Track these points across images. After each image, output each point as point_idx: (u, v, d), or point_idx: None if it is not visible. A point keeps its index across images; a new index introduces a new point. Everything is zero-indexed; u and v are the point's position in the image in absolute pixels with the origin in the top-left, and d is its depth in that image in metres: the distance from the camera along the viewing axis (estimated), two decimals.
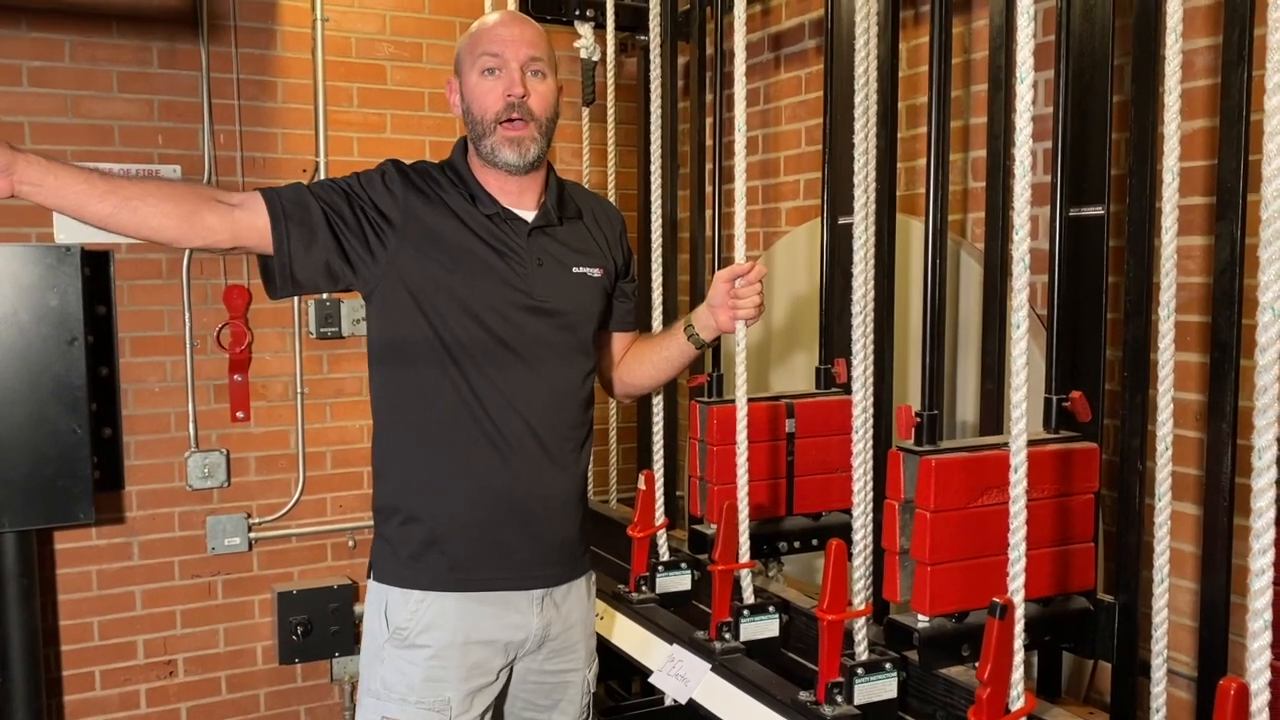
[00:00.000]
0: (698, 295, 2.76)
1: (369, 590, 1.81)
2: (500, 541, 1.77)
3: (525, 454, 1.76)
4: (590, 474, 2.97)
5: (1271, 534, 1.16)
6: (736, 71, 1.94)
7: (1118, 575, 1.78)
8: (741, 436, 1.95)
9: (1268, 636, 1.17)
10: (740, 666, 1.87)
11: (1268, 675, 1.17)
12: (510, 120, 1.71)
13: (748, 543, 1.94)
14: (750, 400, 2.17)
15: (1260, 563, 1.16)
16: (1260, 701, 1.18)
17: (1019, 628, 1.38)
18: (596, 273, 1.85)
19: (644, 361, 1.99)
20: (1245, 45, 1.57)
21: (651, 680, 1.99)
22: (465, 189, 1.77)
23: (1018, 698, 1.39)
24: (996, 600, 1.37)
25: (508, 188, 1.78)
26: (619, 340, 2.00)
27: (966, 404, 2.37)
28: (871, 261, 1.78)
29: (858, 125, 1.74)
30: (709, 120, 3.01)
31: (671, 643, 1.99)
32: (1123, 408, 1.77)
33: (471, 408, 1.74)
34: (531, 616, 1.80)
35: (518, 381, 1.76)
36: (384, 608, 1.77)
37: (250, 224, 1.65)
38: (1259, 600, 1.16)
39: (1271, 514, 1.15)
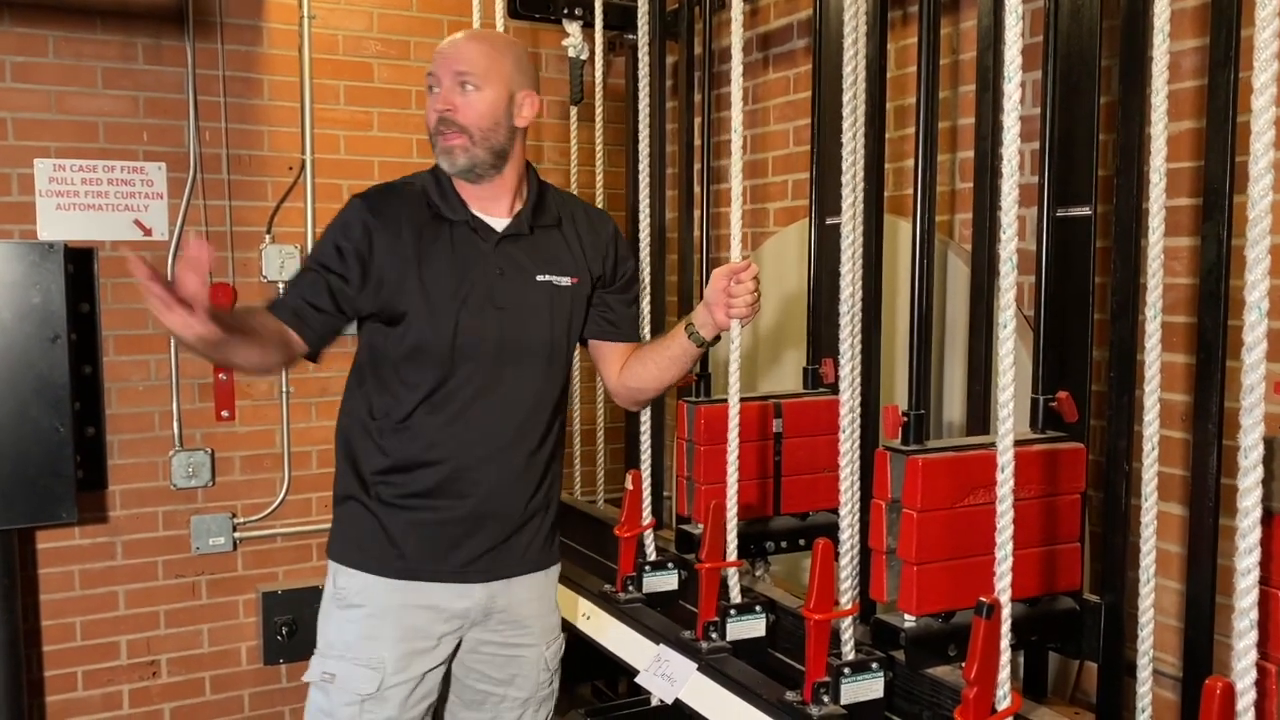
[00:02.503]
0: (685, 295, 2.76)
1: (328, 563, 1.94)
2: (448, 540, 1.88)
3: (476, 457, 1.88)
4: (574, 474, 2.99)
5: (1257, 534, 1.16)
6: (733, 73, 1.94)
7: (1103, 575, 1.78)
8: (733, 436, 1.95)
9: (1254, 636, 1.17)
10: (727, 666, 1.86)
11: (1253, 675, 1.18)
12: (443, 134, 1.83)
13: (735, 542, 1.93)
14: (740, 400, 2.17)
15: (1246, 562, 1.16)
16: (1246, 701, 1.18)
17: (1006, 627, 1.38)
18: (566, 281, 1.93)
19: (647, 364, 2.04)
20: (1232, 46, 1.57)
21: (638, 680, 1.99)
22: (443, 196, 1.88)
23: (1004, 697, 1.39)
24: (983, 600, 1.38)
25: (474, 194, 1.90)
26: (619, 350, 2.06)
27: (953, 404, 2.37)
28: (859, 262, 1.77)
29: (846, 126, 1.73)
30: (698, 120, 3.01)
31: (658, 643, 1.99)
32: (1109, 408, 1.77)
33: (426, 410, 1.86)
34: (475, 590, 1.90)
35: (476, 387, 1.87)
36: (334, 575, 1.91)
37: (293, 340, 1.82)
38: (1245, 599, 1.16)
39: (1258, 514, 1.16)
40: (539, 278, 1.91)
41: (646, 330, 2.35)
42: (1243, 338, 1.18)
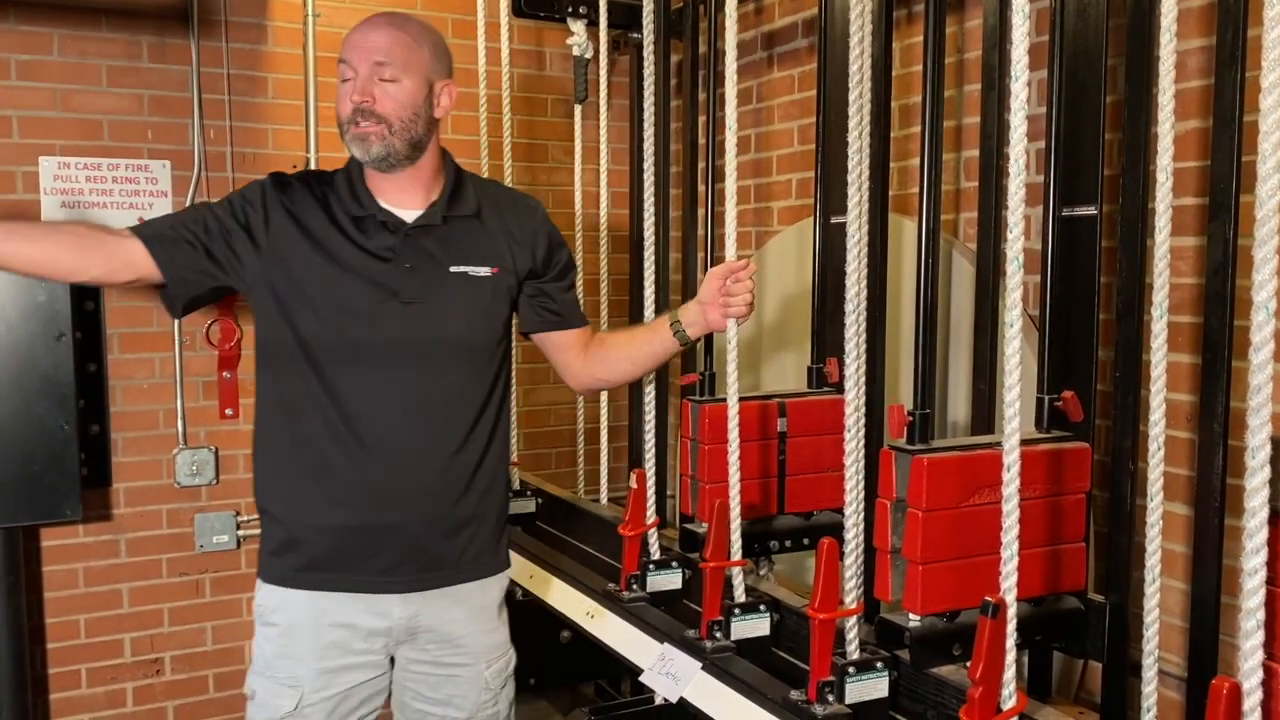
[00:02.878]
0: (690, 294, 2.75)
1: None
2: (359, 546, 1.81)
3: (387, 459, 1.80)
4: (578, 473, 2.98)
5: (1264, 533, 1.16)
6: (728, 70, 1.94)
7: (1108, 575, 1.78)
8: (733, 435, 1.95)
9: (1260, 636, 1.17)
10: (731, 665, 1.86)
11: (1260, 675, 1.18)
12: (356, 124, 1.77)
13: (739, 541, 1.93)
14: (743, 399, 2.17)
15: (1253, 562, 1.16)
16: (1253, 701, 1.18)
17: (1011, 627, 1.38)
18: (484, 271, 1.87)
19: (622, 357, 2.01)
20: (1239, 45, 1.57)
21: (642, 679, 1.98)
22: (351, 191, 1.82)
23: (1009, 697, 1.39)
24: (989, 599, 1.37)
25: (388, 185, 1.82)
26: (570, 337, 2.00)
27: (958, 403, 2.37)
28: (864, 261, 1.77)
29: (852, 125, 1.73)
30: (702, 119, 3.01)
31: (662, 641, 1.99)
32: (1114, 408, 1.77)
33: (331, 410, 1.78)
34: (393, 607, 1.84)
35: (384, 384, 1.79)
36: (256, 590, 1.87)
37: (136, 257, 1.75)
38: (1252, 599, 1.16)
39: (1264, 514, 1.15)
40: (453, 269, 1.84)
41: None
42: (1250, 338, 1.18)
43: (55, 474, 2.61)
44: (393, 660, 1.90)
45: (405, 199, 1.84)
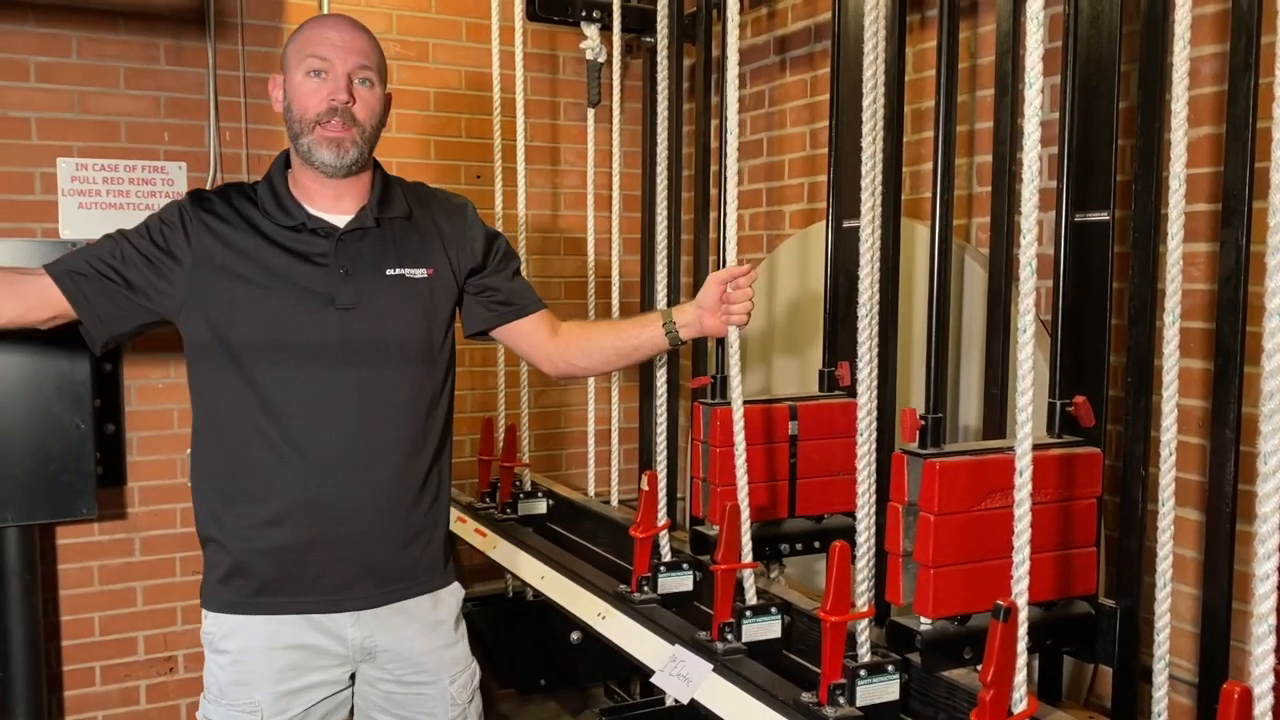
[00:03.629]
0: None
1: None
2: (307, 564, 1.76)
3: (333, 471, 1.74)
4: (589, 475, 3.00)
5: (1276, 539, 1.17)
6: (729, 74, 1.94)
7: (1119, 580, 1.78)
8: (739, 438, 1.95)
9: (1272, 641, 1.17)
10: (742, 667, 1.87)
11: (1271, 680, 1.18)
12: (329, 123, 1.72)
13: (750, 543, 1.94)
14: (755, 402, 2.18)
15: (1265, 568, 1.17)
16: (1264, 706, 1.19)
17: (1022, 630, 1.38)
18: (420, 273, 1.82)
19: (604, 348, 1.98)
20: (1252, 52, 1.57)
21: (653, 680, 1.99)
22: (276, 201, 1.77)
23: (1020, 700, 1.40)
24: (1000, 603, 1.38)
25: (324, 191, 1.77)
26: (530, 323, 1.97)
27: (969, 407, 2.38)
28: (877, 265, 1.78)
29: (865, 130, 1.74)
30: (714, 122, 3.02)
31: (674, 643, 2.00)
32: (1126, 413, 1.78)
33: (270, 427, 1.72)
34: (345, 629, 1.80)
35: (324, 393, 1.74)
36: (204, 620, 1.80)
37: (48, 294, 1.71)
38: (1263, 605, 1.16)
39: (1276, 519, 1.16)
40: (389, 272, 1.79)
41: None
42: (1263, 344, 1.18)
43: (71, 472, 2.63)
44: (353, 676, 1.86)
45: (338, 205, 1.79)
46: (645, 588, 2.23)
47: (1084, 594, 1.77)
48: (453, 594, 1.94)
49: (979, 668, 1.62)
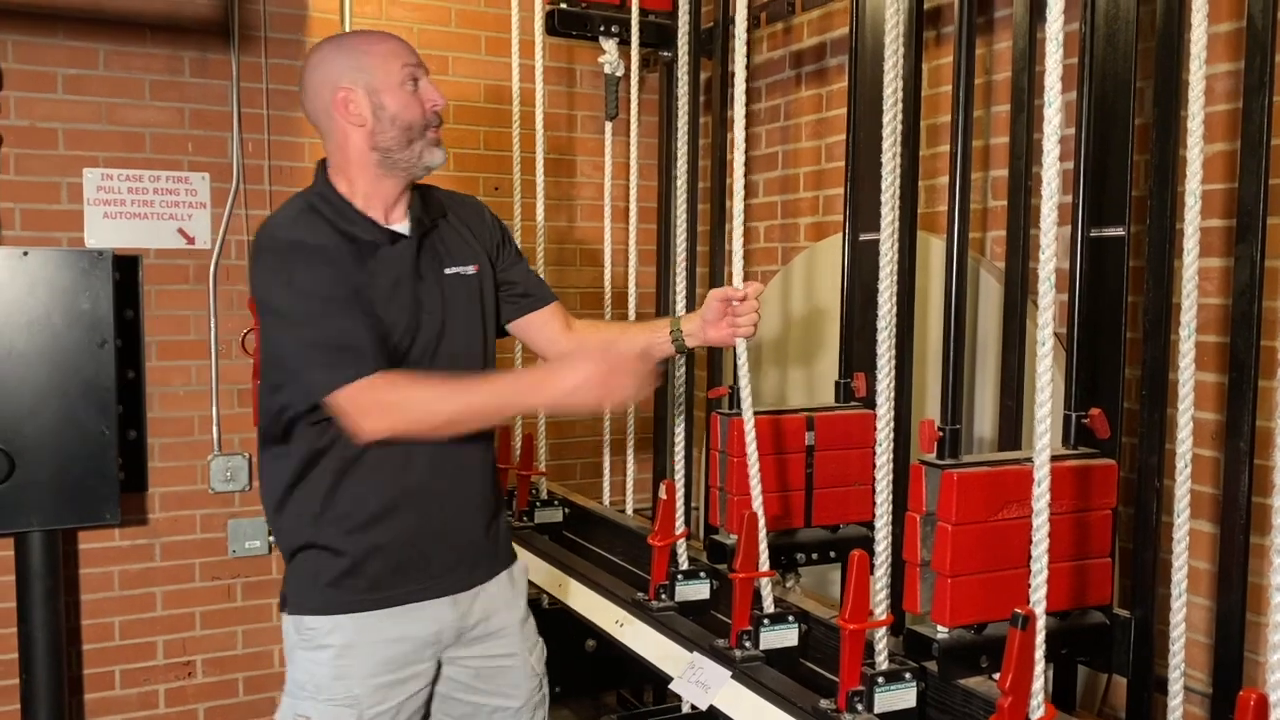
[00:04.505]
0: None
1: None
2: (420, 554, 1.82)
3: (432, 460, 1.80)
4: (604, 484, 3.02)
5: None
6: (736, 90, 1.98)
7: (1133, 591, 1.80)
8: (751, 449, 1.98)
9: None
10: (760, 674, 1.89)
11: None
12: (436, 127, 1.81)
13: (767, 552, 1.97)
14: (772, 413, 2.21)
15: None
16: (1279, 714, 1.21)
17: (1040, 638, 1.41)
18: (471, 269, 1.88)
19: (615, 347, 1.97)
20: (1266, 72, 1.60)
21: (672, 686, 2.01)
22: (351, 217, 1.77)
23: (1038, 707, 1.42)
24: (1019, 611, 1.40)
25: (386, 201, 1.81)
26: (546, 315, 2.02)
27: (984, 419, 2.40)
28: (896, 279, 1.81)
29: (885, 145, 1.77)
30: (729, 135, 3.05)
31: (692, 650, 2.02)
32: (1140, 426, 1.80)
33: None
34: (444, 611, 1.86)
35: None
36: (295, 624, 1.82)
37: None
38: (1279, 614, 1.19)
39: None
40: (447, 271, 1.85)
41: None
42: (1278, 358, 1.20)
43: (96, 478, 2.66)
44: (438, 668, 1.91)
45: (395, 212, 1.83)
46: (663, 595, 2.26)
47: (1099, 604, 1.79)
48: (521, 570, 2.02)
49: (995, 676, 1.65)
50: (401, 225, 1.83)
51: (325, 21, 3.23)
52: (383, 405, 1.67)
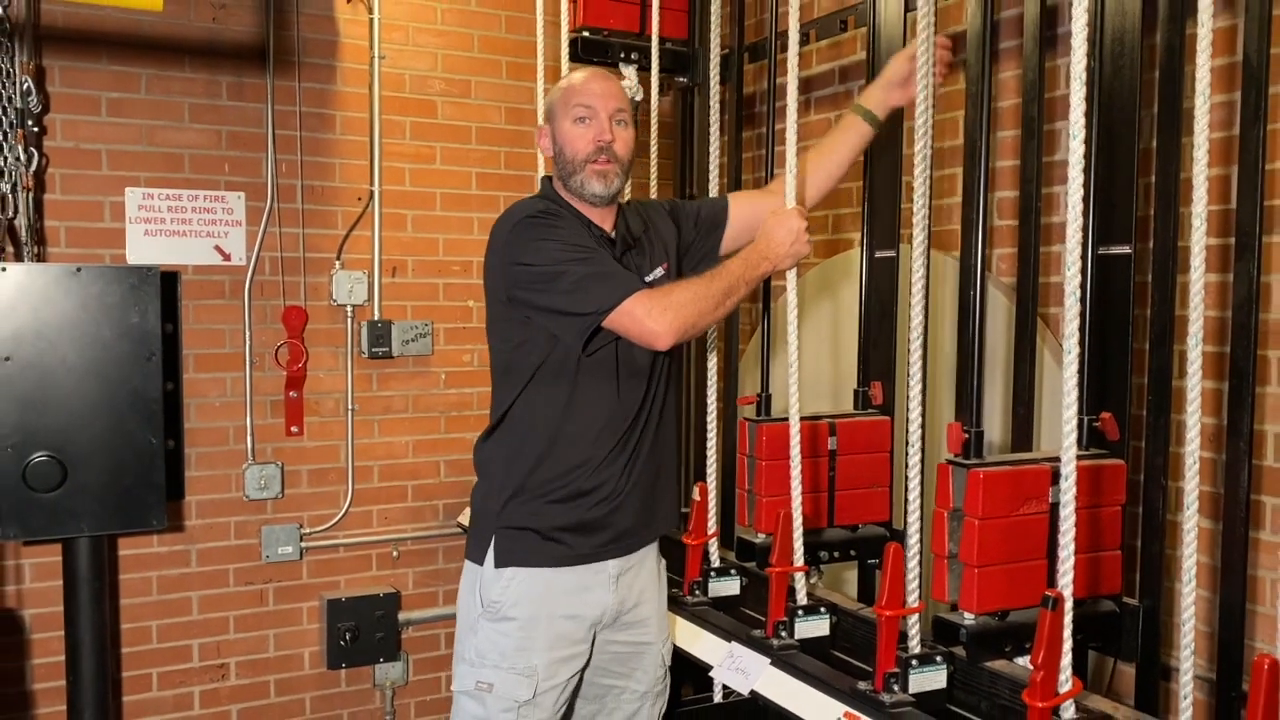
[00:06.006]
0: (734, 327, 2.94)
1: (467, 572, 2.07)
2: (620, 510, 2.03)
3: (649, 435, 2.06)
4: None
5: None
6: (788, 112, 2.12)
7: (1141, 582, 1.95)
8: (795, 451, 2.11)
9: None
10: (797, 661, 2.02)
11: None
12: (598, 160, 2.01)
13: (801, 548, 2.10)
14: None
15: None
16: None
17: (1068, 618, 1.55)
18: (661, 271, 2.11)
19: (822, 174, 2.27)
20: (1261, 104, 1.76)
21: (712, 674, 2.14)
22: (578, 216, 2.04)
23: (1066, 681, 1.56)
24: (1049, 593, 1.54)
25: (592, 217, 2.06)
26: (734, 214, 2.26)
27: (992, 424, 2.54)
28: (921, 292, 1.95)
29: (917, 169, 1.91)
30: (746, 155, 3.21)
31: (729, 640, 2.15)
32: (1147, 429, 1.95)
33: (603, 408, 2.01)
34: (608, 593, 2.04)
35: (635, 382, 2.03)
36: (477, 585, 2.02)
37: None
38: None
39: None
40: (647, 278, 2.06)
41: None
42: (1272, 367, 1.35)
43: (143, 486, 2.76)
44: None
45: (604, 226, 2.07)
46: (697, 591, 2.39)
47: (1110, 593, 1.93)
48: (663, 566, 2.21)
49: (1019, 659, 1.79)
50: (611, 234, 2.08)
51: (356, 47, 3.36)
52: (665, 305, 1.90)
